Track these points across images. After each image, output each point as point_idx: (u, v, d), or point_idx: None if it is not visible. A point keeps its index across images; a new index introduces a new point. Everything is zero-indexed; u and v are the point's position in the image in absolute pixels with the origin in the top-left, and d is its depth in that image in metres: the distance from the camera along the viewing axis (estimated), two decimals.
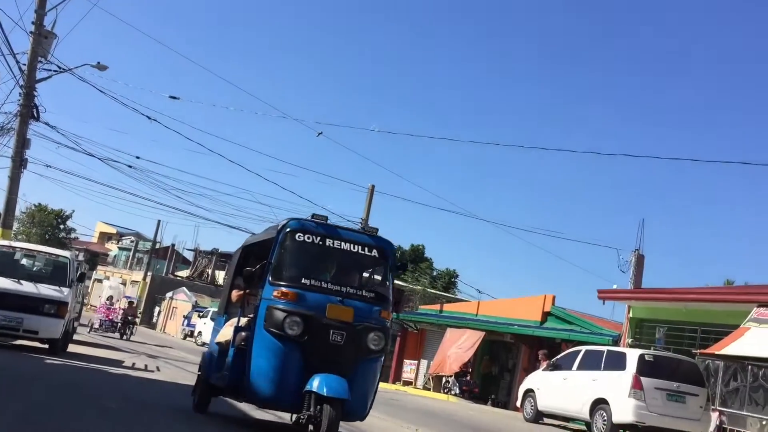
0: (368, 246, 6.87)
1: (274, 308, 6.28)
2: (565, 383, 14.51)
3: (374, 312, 6.55)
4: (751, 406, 14.93)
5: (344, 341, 6.27)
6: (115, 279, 39.77)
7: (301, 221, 6.76)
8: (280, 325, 6.19)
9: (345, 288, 6.56)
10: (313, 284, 6.49)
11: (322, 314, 6.28)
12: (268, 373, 6.25)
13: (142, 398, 8.63)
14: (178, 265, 56.44)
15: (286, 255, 6.64)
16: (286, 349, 6.22)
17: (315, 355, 6.20)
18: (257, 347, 6.33)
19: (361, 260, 7.01)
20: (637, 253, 21.23)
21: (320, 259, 6.95)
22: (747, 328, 14.18)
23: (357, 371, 6.37)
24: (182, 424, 6.95)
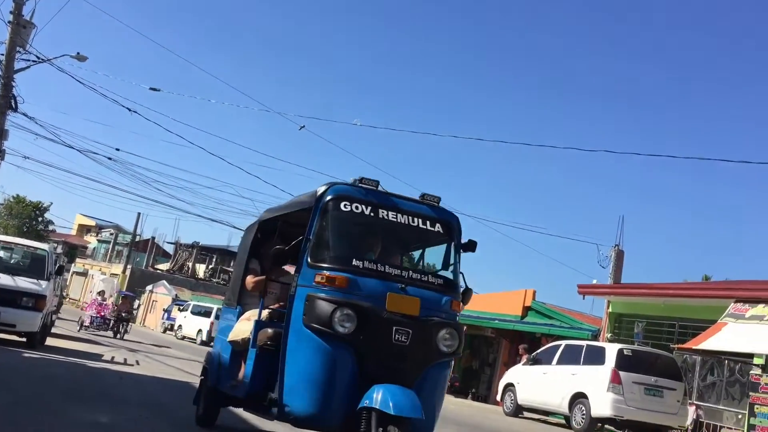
0: (430, 219, 5.39)
1: (318, 298, 4.77)
2: (545, 377, 14.63)
3: (444, 303, 5.12)
4: (727, 400, 15.16)
5: (410, 341, 4.80)
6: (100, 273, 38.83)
7: (346, 186, 5.19)
8: (326, 319, 4.70)
9: (406, 272, 5.12)
10: (366, 267, 4.97)
11: (381, 306, 4.80)
12: (310, 382, 4.74)
13: (126, 395, 8.56)
14: (158, 258, 56.12)
15: (329, 229, 5.11)
16: (335, 351, 4.72)
17: (373, 360, 4.75)
18: (294, 349, 4.85)
19: (423, 237, 5.55)
20: (617, 248, 21.41)
21: (372, 235, 5.48)
22: (724, 324, 14.38)
23: (424, 380, 4.92)
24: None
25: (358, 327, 4.70)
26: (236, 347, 5.87)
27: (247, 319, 5.81)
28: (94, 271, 52.78)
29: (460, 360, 23.81)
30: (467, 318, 23.04)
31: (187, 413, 7.63)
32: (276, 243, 5.62)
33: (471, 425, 11.93)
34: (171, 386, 10.39)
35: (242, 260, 6.54)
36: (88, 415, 6.33)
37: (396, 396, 4.50)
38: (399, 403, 4.45)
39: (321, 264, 4.94)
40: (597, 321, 19.84)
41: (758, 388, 12.49)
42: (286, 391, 4.83)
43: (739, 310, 14.54)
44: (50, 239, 56.27)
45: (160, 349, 20.21)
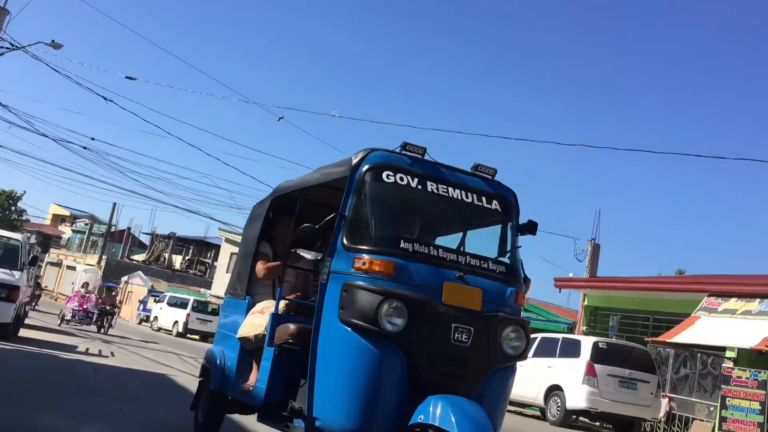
0: (486, 195, 4.51)
1: (359, 288, 3.90)
2: (521, 370, 14.67)
3: (509, 295, 4.27)
4: (700, 392, 15.39)
5: (471, 341, 3.96)
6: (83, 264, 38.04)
7: (387, 153, 4.30)
8: (370, 314, 3.83)
9: (464, 257, 4.24)
10: (417, 250, 4.07)
11: (437, 298, 3.95)
12: (349, 391, 3.85)
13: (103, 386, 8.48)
14: (134, 248, 55.62)
15: (370, 204, 4.20)
16: (381, 352, 3.84)
17: (427, 364, 3.89)
18: (328, 349, 3.98)
19: (477, 215, 4.64)
20: (593, 242, 21.62)
21: (419, 213, 4.67)
22: (697, 317, 14.59)
23: (485, 389, 4.07)
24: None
25: (410, 323, 3.84)
26: (247, 345, 5.04)
27: (260, 312, 4.98)
28: (76, 262, 52.15)
29: None
30: None
31: (165, 406, 7.57)
32: (286, 224, 5.11)
33: None
34: (147, 378, 10.31)
35: (251, 243, 5.60)
36: (62, 408, 6.25)
37: (460, 411, 3.64)
38: (463, 420, 3.59)
39: (360, 246, 4.04)
40: (573, 314, 20.04)
41: (730, 381, 12.69)
42: (318, 400, 3.96)
43: (712, 304, 14.76)
44: (24, 229, 55.49)
45: (146, 344, 19.51)
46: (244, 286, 5.45)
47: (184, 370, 12.65)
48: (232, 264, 37.87)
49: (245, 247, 5.85)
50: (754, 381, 12.36)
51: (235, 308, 5.57)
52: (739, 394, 12.44)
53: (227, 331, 5.62)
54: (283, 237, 5.37)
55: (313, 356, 4.03)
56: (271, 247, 5.46)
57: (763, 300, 13.80)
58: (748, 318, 13.71)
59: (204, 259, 53.85)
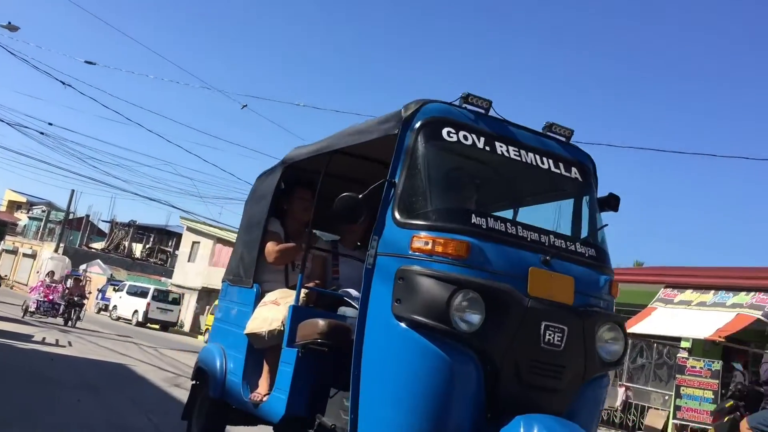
0: (564, 161, 3.68)
1: (419, 274, 3.04)
2: None
3: (603, 285, 3.45)
4: (655, 381, 15.74)
5: (564, 344, 3.11)
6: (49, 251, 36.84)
7: (446, 106, 3.44)
8: (438, 309, 2.96)
9: (547, 237, 3.36)
10: (493, 227, 3.22)
11: (521, 289, 3.09)
12: (410, 408, 2.97)
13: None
14: (92, 236, 54.67)
15: (427, 168, 3.31)
16: (452, 359, 2.97)
17: (511, 374, 3.05)
18: (378, 353, 3.11)
19: (554, 185, 3.78)
20: None
21: (486, 180, 3.84)
22: (654, 308, 14.90)
23: (578, 405, 3.25)
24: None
25: (488, 321, 2.98)
26: (257, 343, 4.17)
27: (274, 303, 4.12)
28: (32, 250, 51.03)
29: None
30: None
31: (123, 396, 7.48)
32: (306, 197, 4.48)
33: None
34: (105, 368, 10.17)
35: (257, 221, 4.64)
36: (17, 398, 6.13)
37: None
38: None
39: (419, 221, 3.18)
40: None
41: (684, 371, 13.01)
42: (365, 420, 3.09)
43: (669, 295, 15.09)
44: None
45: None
46: (250, 272, 4.52)
47: (143, 360, 12.51)
48: (194, 253, 37.54)
49: (250, 226, 4.88)
50: (708, 371, 12.69)
51: (239, 299, 4.66)
52: (693, 383, 12.77)
53: (229, 325, 4.72)
54: (298, 213, 4.58)
55: (357, 362, 3.14)
56: (283, 226, 4.56)
57: (718, 292, 14.15)
58: (702, 309, 14.05)
59: (165, 248, 53.16)
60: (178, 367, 12.30)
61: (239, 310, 4.58)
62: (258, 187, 5.08)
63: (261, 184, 5.01)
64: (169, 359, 14.02)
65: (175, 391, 8.46)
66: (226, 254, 34.95)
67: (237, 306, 4.69)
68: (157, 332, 27.32)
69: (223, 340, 4.80)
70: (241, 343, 4.36)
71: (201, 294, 35.05)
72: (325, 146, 4.15)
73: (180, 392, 8.36)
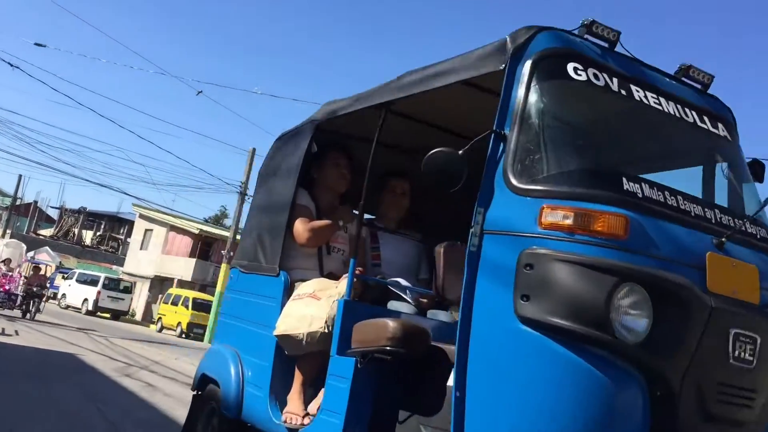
0: (708, 114, 2.91)
1: (559, 260, 2.20)
2: None
3: None
4: None
5: (756, 360, 2.34)
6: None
7: (567, 36, 2.65)
8: (592, 310, 2.14)
9: (712, 211, 2.55)
10: (650, 197, 2.38)
11: (700, 282, 2.27)
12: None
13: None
14: (41, 223, 53.36)
15: (552, 115, 2.56)
16: (612, 381, 2.12)
17: (693, 403, 2.23)
18: (496, 369, 2.26)
19: (701, 143, 2.93)
20: None
21: (627, 136, 2.96)
22: None
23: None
24: None
25: (659, 328, 2.16)
26: (291, 349, 3.21)
27: (312, 296, 3.19)
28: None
29: None
30: None
31: (70, 386, 7.33)
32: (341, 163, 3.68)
33: None
34: (53, 358, 9.95)
35: (281, 193, 3.72)
36: None
37: None
38: None
39: (546, 188, 2.33)
40: None
41: None
42: None
43: None
44: None
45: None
46: (274, 257, 3.55)
47: (93, 349, 12.29)
48: (146, 241, 36.89)
49: (272, 199, 3.89)
50: None
51: (260, 290, 3.68)
52: None
53: (246, 323, 3.78)
54: (332, 182, 3.70)
55: (460, 381, 2.31)
56: (313, 199, 3.65)
57: None
58: None
59: (117, 235, 52.20)
60: (129, 357, 12.11)
61: (261, 305, 3.60)
62: (278, 153, 4.08)
63: (282, 149, 4.03)
64: (120, 348, 13.79)
65: (126, 381, 8.33)
66: (180, 242, 34.52)
67: (257, 299, 3.70)
68: (108, 321, 26.82)
69: (237, 341, 3.80)
70: (265, 347, 3.39)
71: (153, 282, 34.52)
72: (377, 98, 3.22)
73: (130, 382, 8.24)
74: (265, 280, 3.64)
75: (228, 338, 3.97)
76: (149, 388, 8.09)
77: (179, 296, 27.44)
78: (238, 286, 4.06)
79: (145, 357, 12.89)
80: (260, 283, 3.71)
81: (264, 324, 3.46)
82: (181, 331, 25.92)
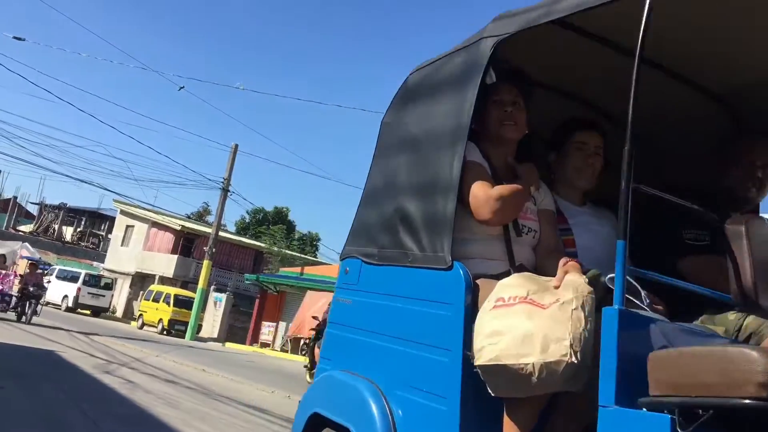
0: None
1: None
2: None
3: None
4: None
5: None
6: None
7: None
8: None
9: None
10: None
11: None
12: None
13: None
14: (20, 219, 52.80)
15: None
16: None
17: None
18: None
19: None
20: None
21: None
22: None
23: None
24: None
25: None
26: (506, 388, 1.99)
27: (529, 301, 2.00)
28: None
29: None
30: None
31: (51, 384, 7.28)
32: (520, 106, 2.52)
33: None
34: (32, 355, 9.87)
35: (439, 147, 2.57)
36: None
37: None
38: None
39: None
40: None
41: None
42: None
43: None
44: None
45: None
46: (441, 239, 2.40)
47: (72, 346, 12.20)
48: (127, 237, 36.65)
49: (422, 155, 2.69)
50: None
51: (415, 290, 2.51)
52: None
53: (394, 341, 2.54)
54: (496, 128, 2.54)
55: None
56: (485, 157, 2.51)
57: None
58: None
59: (97, 232, 51.77)
60: (109, 354, 12.04)
61: (422, 314, 2.42)
62: (422, 89, 2.86)
63: (429, 83, 2.82)
64: (100, 345, 13.70)
65: (106, 378, 8.28)
66: (162, 238, 34.34)
67: (412, 305, 2.50)
68: (88, 318, 26.62)
69: (377, 368, 2.59)
70: (439, 381, 2.23)
71: (134, 279, 34.30)
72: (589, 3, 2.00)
73: (111, 379, 8.19)
74: (426, 275, 2.47)
75: (355, 362, 2.73)
76: (129, 384, 8.06)
77: (161, 293, 27.30)
78: (366, 283, 2.85)
79: (126, 354, 12.82)
80: (415, 281, 2.53)
81: (432, 344, 2.31)
82: (163, 328, 25.80)
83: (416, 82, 2.92)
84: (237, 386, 9.91)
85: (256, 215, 47.51)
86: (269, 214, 48.03)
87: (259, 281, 26.59)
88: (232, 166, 26.21)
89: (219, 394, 8.51)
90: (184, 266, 32.51)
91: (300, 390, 10.39)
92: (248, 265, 34.76)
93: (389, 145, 3.00)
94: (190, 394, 8.13)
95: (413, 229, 2.58)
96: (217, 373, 11.27)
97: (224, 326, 27.11)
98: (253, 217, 47.43)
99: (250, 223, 47.19)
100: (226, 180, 26.01)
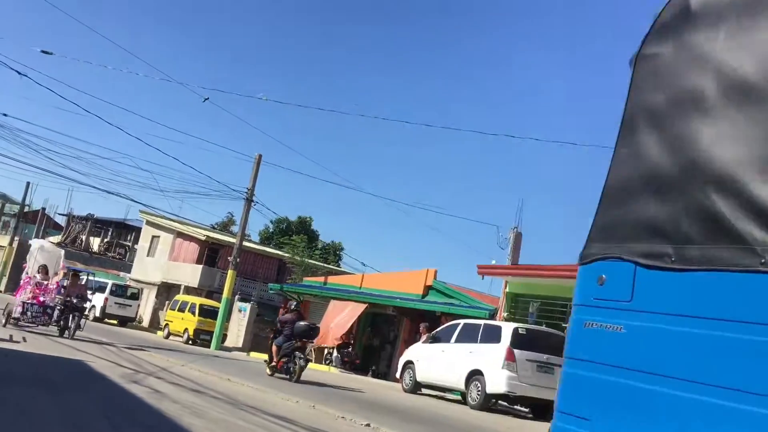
0: None
1: None
2: (444, 355, 14.98)
3: None
4: None
5: None
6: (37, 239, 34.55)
7: None
8: None
9: None
10: None
11: None
12: None
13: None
14: (48, 230, 53.54)
15: None
16: None
17: None
18: None
19: None
20: (516, 230, 22.13)
21: None
22: None
23: None
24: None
25: None
26: None
27: None
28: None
29: (361, 338, 24.12)
30: (368, 296, 23.30)
31: (81, 394, 7.34)
32: None
33: (369, 402, 12.10)
34: (62, 365, 9.98)
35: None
36: None
37: None
38: None
39: None
40: (495, 300, 20.46)
41: None
42: None
43: None
44: None
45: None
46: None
47: (100, 356, 12.31)
48: (153, 247, 36.98)
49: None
50: None
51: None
52: None
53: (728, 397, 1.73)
54: None
55: None
56: None
57: None
58: None
59: (124, 242, 52.32)
60: (136, 363, 12.12)
61: None
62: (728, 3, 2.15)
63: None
64: (128, 355, 13.81)
65: (134, 388, 8.33)
66: (187, 248, 34.60)
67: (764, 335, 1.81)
68: (116, 327, 26.87)
69: None
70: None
71: (160, 289, 34.58)
72: None
73: (138, 389, 8.24)
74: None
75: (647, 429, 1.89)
76: (156, 394, 8.10)
77: (186, 303, 27.49)
78: (652, 299, 1.94)
79: (153, 363, 12.90)
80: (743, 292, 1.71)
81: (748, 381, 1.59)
82: (188, 338, 25.95)
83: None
84: (262, 396, 9.93)
85: (279, 225, 47.70)
86: (293, 224, 48.20)
87: (282, 291, 26.66)
88: (256, 176, 26.37)
89: (244, 404, 8.52)
90: (209, 276, 32.71)
91: (324, 400, 10.38)
92: (272, 275, 34.89)
93: (669, 95, 1.97)
94: (217, 404, 8.16)
95: (761, 211, 1.65)
96: (242, 382, 11.30)
97: (249, 335, 27.20)
98: (276, 226, 47.62)
99: (274, 232, 47.38)
100: (250, 190, 26.15)
